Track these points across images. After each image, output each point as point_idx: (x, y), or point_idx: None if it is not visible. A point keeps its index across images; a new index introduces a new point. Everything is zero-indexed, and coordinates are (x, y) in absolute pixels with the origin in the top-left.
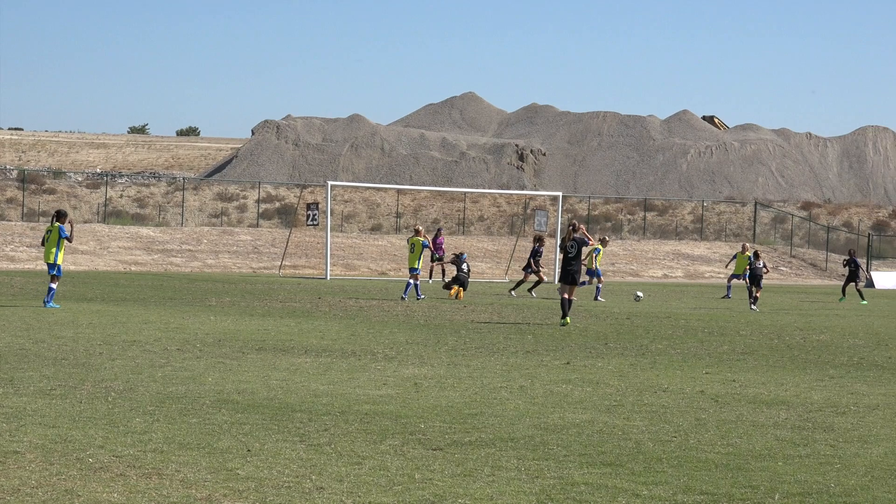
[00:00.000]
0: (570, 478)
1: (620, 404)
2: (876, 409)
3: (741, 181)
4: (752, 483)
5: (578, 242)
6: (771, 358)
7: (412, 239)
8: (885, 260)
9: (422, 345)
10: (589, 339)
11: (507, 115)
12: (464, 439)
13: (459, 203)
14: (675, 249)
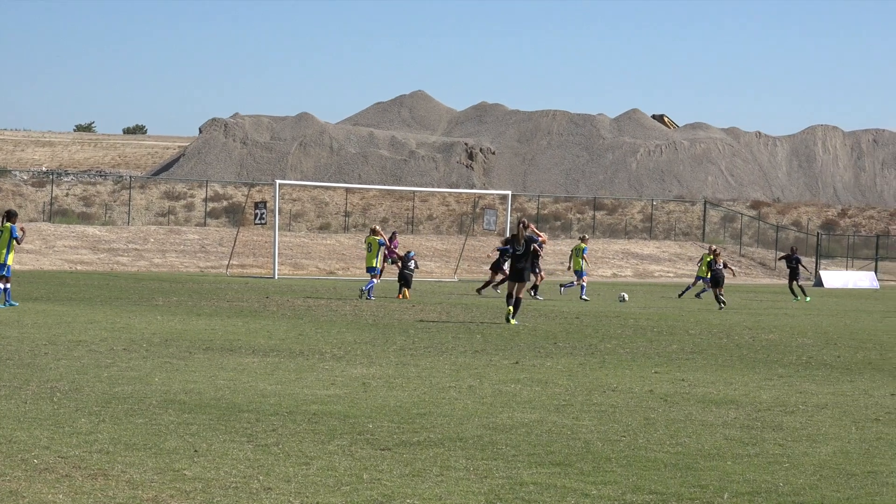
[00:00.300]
0: (519, 478)
1: (569, 404)
2: (825, 409)
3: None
4: (701, 482)
5: (528, 241)
6: (720, 357)
7: (369, 238)
8: (833, 259)
9: (370, 344)
10: (538, 338)
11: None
12: (412, 439)
13: (408, 202)
14: (624, 248)
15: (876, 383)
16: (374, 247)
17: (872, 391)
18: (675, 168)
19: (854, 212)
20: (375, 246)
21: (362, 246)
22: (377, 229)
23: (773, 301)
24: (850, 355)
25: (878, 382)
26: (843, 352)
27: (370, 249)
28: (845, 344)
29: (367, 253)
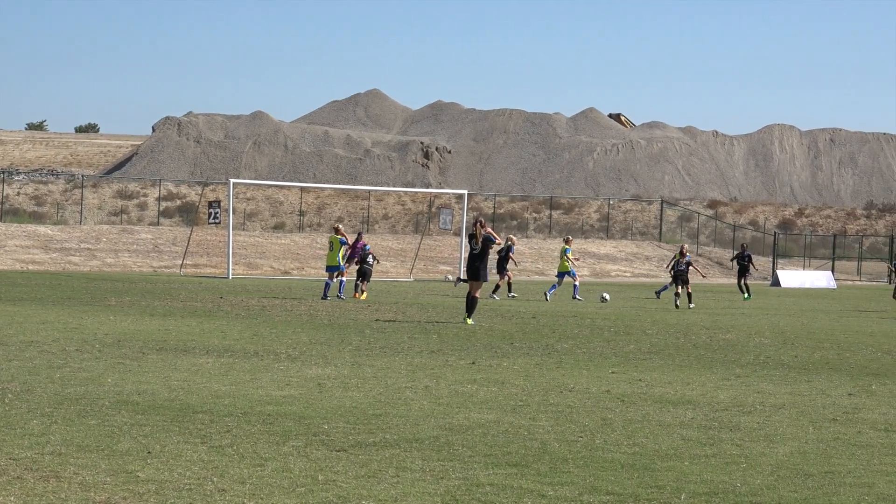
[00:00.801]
0: (476, 479)
1: (526, 404)
2: (782, 409)
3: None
4: (658, 483)
5: (485, 240)
6: (677, 357)
7: (331, 237)
8: (790, 259)
9: (325, 345)
10: (494, 338)
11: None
12: (368, 440)
13: (364, 201)
14: (581, 248)
15: (833, 383)
16: (336, 245)
17: (830, 391)
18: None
19: (811, 211)
20: (337, 245)
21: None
22: (340, 228)
23: (730, 301)
24: (807, 355)
25: (836, 382)
26: (801, 351)
27: (332, 248)
28: (803, 344)
29: (328, 252)
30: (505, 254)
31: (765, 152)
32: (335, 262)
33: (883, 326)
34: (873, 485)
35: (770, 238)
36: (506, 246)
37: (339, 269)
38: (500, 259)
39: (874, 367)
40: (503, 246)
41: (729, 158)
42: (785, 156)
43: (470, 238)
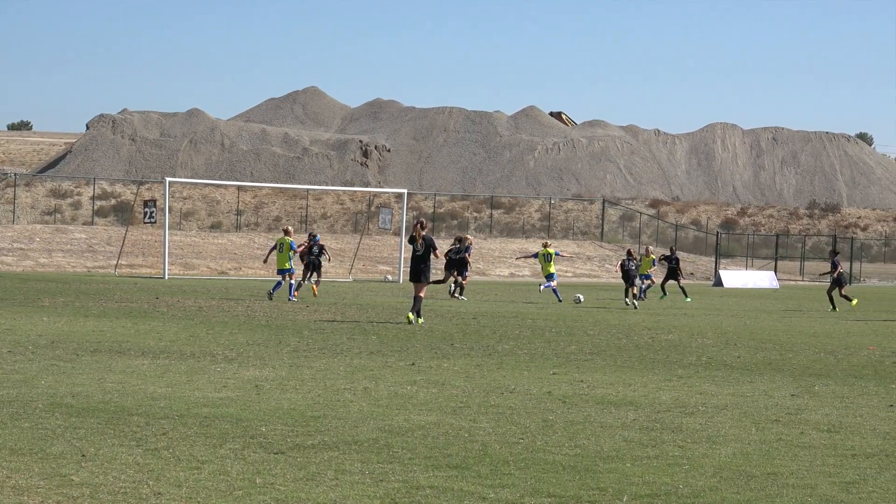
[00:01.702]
0: (416, 481)
1: (466, 406)
2: (724, 410)
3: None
4: (600, 485)
5: (427, 241)
6: (619, 358)
7: (281, 239)
8: (733, 259)
9: (263, 346)
10: (434, 339)
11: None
12: (306, 442)
13: (302, 200)
14: (522, 248)
15: (776, 384)
16: (286, 247)
17: (772, 392)
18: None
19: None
20: (287, 247)
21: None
22: (290, 230)
23: (672, 301)
24: (749, 356)
25: (778, 383)
26: (743, 352)
27: (281, 250)
28: (745, 344)
29: (278, 254)
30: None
31: (707, 151)
32: (286, 265)
33: (825, 327)
34: (816, 486)
35: (712, 238)
36: (463, 246)
37: (291, 272)
38: (459, 259)
39: (817, 367)
40: (461, 246)
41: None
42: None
43: (411, 240)
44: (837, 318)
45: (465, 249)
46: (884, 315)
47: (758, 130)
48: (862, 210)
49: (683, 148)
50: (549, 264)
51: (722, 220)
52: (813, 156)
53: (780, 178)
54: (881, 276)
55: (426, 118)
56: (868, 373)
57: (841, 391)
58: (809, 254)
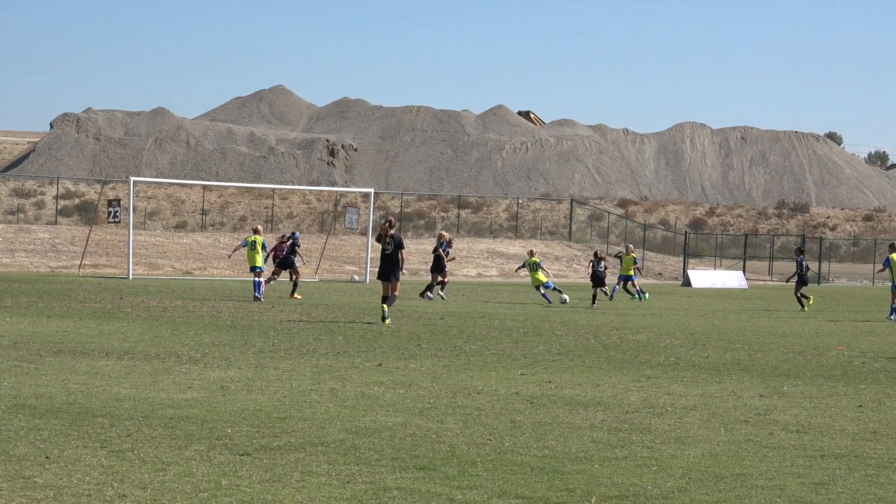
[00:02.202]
0: (383, 483)
1: (434, 407)
2: (693, 410)
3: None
4: (568, 486)
5: (396, 240)
6: (587, 358)
7: (252, 238)
8: (701, 258)
9: (228, 346)
10: (401, 339)
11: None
12: (272, 444)
13: (268, 200)
14: (489, 248)
15: (745, 384)
16: (258, 245)
17: (741, 392)
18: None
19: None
20: (260, 244)
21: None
22: (259, 229)
23: (638, 302)
24: (718, 356)
25: (747, 383)
26: (712, 352)
27: (254, 248)
28: (714, 345)
29: (249, 251)
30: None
31: (675, 151)
32: (258, 263)
33: (794, 327)
34: (785, 487)
35: (681, 238)
36: (437, 244)
37: (261, 269)
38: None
39: (785, 367)
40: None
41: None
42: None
43: (379, 238)
44: (806, 319)
45: (440, 246)
46: (852, 315)
47: (727, 130)
48: (831, 210)
49: (652, 147)
50: (535, 273)
51: (690, 219)
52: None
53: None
54: (850, 276)
55: (393, 117)
56: (837, 373)
57: (810, 392)
58: (778, 254)
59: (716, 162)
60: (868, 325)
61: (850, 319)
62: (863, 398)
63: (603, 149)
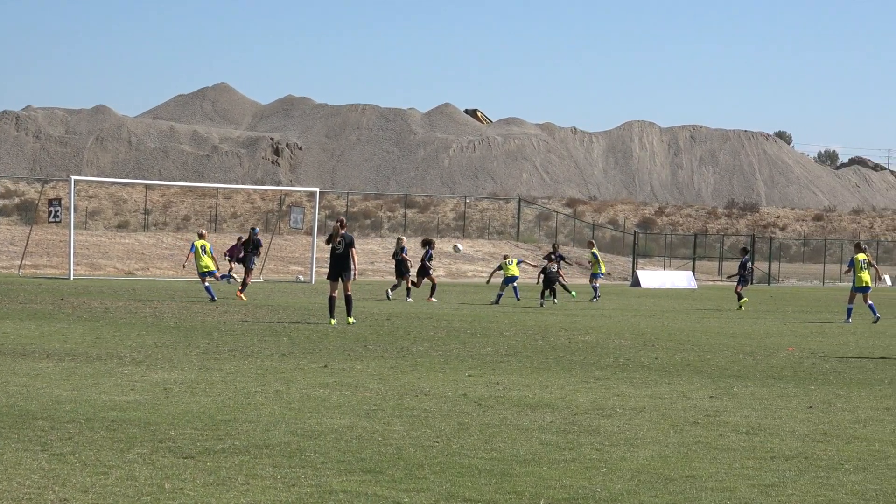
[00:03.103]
0: (328, 486)
1: (380, 409)
2: (642, 412)
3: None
4: (516, 489)
5: (347, 239)
6: (535, 359)
7: (199, 242)
8: (650, 259)
9: (171, 348)
10: (347, 340)
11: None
12: (216, 446)
13: (211, 199)
14: (437, 247)
15: (694, 385)
16: (207, 248)
17: (691, 393)
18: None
19: (671, 210)
20: (208, 247)
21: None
22: (204, 233)
23: (588, 302)
24: (667, 357)
25: (697, 384)
26: (661, 353)
27: (205, 251)
28: (663, 345)
29: (198, 256)
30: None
31: (624, 150)
32: (210, 267)
33: (744, 327)
34: (735, 489)
35: (630, 237)
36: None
37: (213, 273)
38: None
39: (735, 368)
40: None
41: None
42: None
43: (330, 238)
44: (756, 319)
45: (402, 250)
46: (802, 316)
47: (676, 129)
48: (781, 210)
49: (600, 146)
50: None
51: (639, 219)
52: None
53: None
54: (799, 276)
55: (339, 115)
56: (787, 374)
57: (760, 393)
58: (728, 254)
59: (665, 161)
60: (818, 326)
61: (800, 320)
62: (813, 399)
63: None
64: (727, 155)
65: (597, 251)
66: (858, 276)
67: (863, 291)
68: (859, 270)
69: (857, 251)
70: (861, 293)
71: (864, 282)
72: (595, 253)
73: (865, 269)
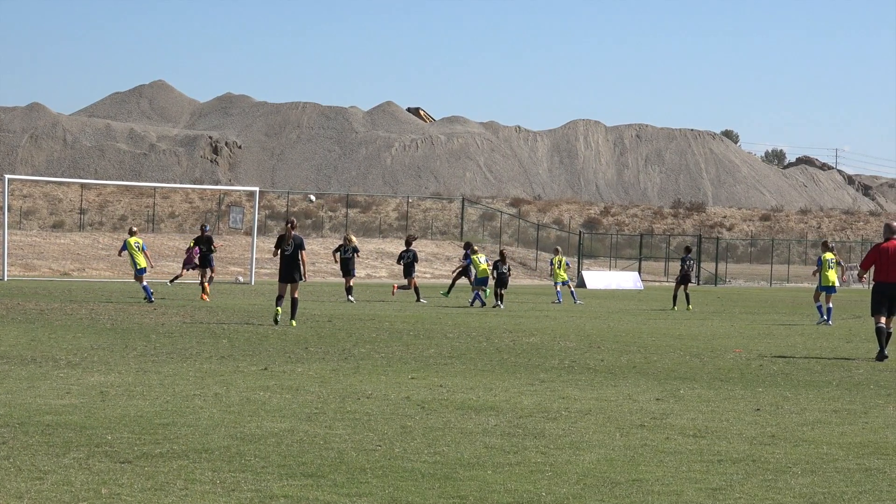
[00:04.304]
0: (269, 490)
1: (322, 412)
2: (588, 414)
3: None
4: (460, 493)
5: (297, 241)
6: (479, 361)
7: (131, 240)
8: (596, 259)
9: (108, 350)
10: (288, 343)
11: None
12: (154, 451)
13: (149, 198)
14: (378, 248)
15: (640, 388)
16: (140, 246)
17: (637, 396)
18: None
19: (617, 210)
20: (141, 246)
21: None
22: (135, 230)
23: (534, 303)
24: (613, 359)
25: (643, 387)
26: (607, 355)
27: (138, 248)
28: (609, 347)
29: (131, 254)
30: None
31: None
32: (142, 264)
33: (690, 329)
34: (682, 492)
35: (575, 238)
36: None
37: (144, 271)
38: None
39: (682, 370)
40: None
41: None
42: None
43: (280, 240)
44: (703, 320)
45: (354, 251)
46: (749, 317)
47: (621, 127)
48: (727, 209)
49: (545, 145)
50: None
51: (585, 219)
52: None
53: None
54: (747, 276)
55: (279, 113)
56: (734, 376)
57: (707, 395)
58: (674, 254)
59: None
60: (766, 327)
61: (747, 321)
62: (760, 401)
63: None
64: (673, 154)
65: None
66: (825, 274)
67: (828, 291)
68: (826, 269)
69: (824, 250)
70: (826, 293)
71: (830, 281)
72: (553, 260)
73: (833, 268)
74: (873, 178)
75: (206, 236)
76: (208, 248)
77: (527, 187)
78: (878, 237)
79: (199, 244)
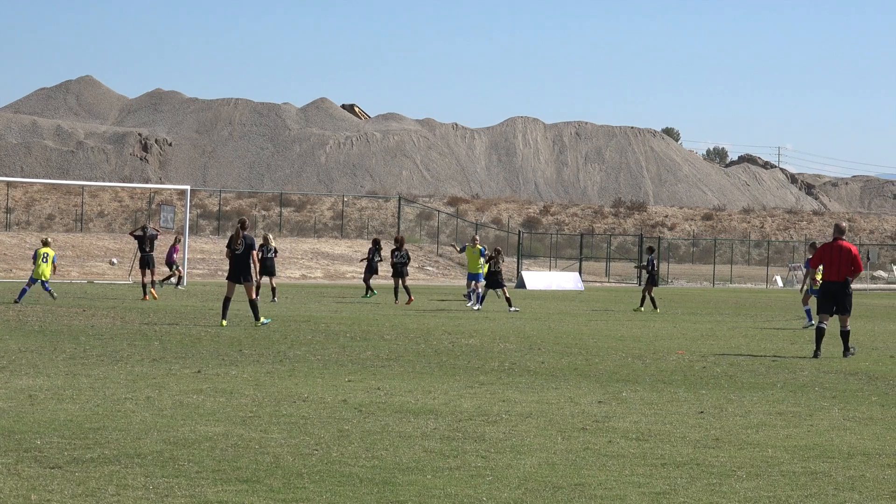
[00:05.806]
0: (203, 496)
1: (257, 416)
2: (529, 418)
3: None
4: (399, 498)
5: (247, 241)
6: (418, 364)
7: (42, 250)
8: (536, 259)
9: (36, 353)
10: (221, 345)
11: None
12: (85, 456)
13: (77, 197)
14: (313, 248)
15: (582, 390)
16: (50, 259)
17: (578, 398)
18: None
19: (557, 209)
20: (50, 258)
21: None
22: (49, 241)
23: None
24: (554, 361)
25: (585, 389)
26: (548, 357)
27: (45, 260)
28: (549, 349)
29: (39, 263)
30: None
31: (507, 146)
32: (46, 275)
33: (632, 330)
34: (625, 496)
35: (514, 237)
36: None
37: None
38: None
39: (624, 372)
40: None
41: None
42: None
43: (231, 240)
44: (645, 322)
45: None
46: (692, 318)
47: (560, 125)
48: (669, 208)
49: (483, 143)
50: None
51: (524, 218)
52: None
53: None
54: (689, 276)
55: (210, 110)
56: (677, 378)
57: (650, 397)
58: (615, 254)
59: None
60: (709, 328)
61: (690, 322)
62: (704, 404)
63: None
64: (613, 152)
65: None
66: (818, 278)
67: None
68: (819, 273)
69: (812, 251)
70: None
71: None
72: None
73: None
74: (816, 177)
75: (151, 235)
76: (151, 247)
77: (465, 186)
78: (822, 237)
79: (143, 244)
